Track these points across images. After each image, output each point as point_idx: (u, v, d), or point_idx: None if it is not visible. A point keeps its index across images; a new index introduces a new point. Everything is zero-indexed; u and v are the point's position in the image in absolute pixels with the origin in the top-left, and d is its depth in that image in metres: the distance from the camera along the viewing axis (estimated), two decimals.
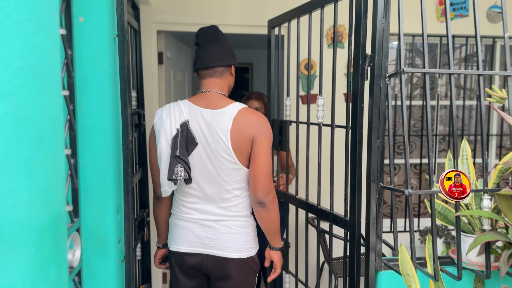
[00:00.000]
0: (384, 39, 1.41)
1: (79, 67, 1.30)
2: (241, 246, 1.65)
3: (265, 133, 1.58)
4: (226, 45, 1.71)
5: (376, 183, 1.45)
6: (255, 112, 1.63)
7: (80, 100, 1.31)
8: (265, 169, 1.57)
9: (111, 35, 1.36)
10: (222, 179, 1.60)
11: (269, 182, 1.58)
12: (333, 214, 1.66)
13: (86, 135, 1.33)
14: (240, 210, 1.65)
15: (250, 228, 1.68)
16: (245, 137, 1.56)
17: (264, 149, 1.57)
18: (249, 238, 1.67)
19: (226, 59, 1.68)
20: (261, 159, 1.56)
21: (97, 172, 1.35)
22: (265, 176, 1.57)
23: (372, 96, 1.42)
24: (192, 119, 1.60)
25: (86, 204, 1.35)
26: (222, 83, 1.68)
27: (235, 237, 1.64)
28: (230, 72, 1.72)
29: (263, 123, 1.59)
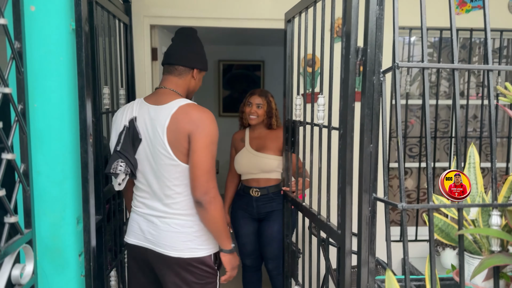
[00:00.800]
0: (378, 29, 1.23)
1: (31, 62, 1.17)
2: (181, 245, 1.60)
3: (202, 130, 1.51)
4: (196, 49, 1.71)
5: (368, 193, 1.27)
6: (197, 108, 1.56)
7: (33, 98, 1.18)
8: (202, 167, 1.50)
9: (69, 27, 1.22)
10: (162, 175, 1.57)
11: (207, 180, 1.51)
12: (329, 226, 1.49)
13: (39, 137, 1.20)
14: (182, 208, 1.59)
15: (194, 228, 1.61)
16: (181, 134, 1.52)
17: (200, 147, 1.50)
18: (192, 238, 1.60)
19: (189, 60, 1.68)
20: (197, 157, 1.50)
21: (53, 178, 1.22)
22: (201, 175, 1.50)
23: (364, 94, 1.25)
24: (140, 116, 1.60)
25: (41, 214, 1.23)
26: (179, 82, 1.67)
27: (174, 235, 1.60)
28: (192, 75, 1.70)
29: (203, 120, 1.53)
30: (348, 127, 1.32)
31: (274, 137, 2.43)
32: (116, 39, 2.13)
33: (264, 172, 2.42)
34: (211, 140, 1.54)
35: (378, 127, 1.27)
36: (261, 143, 2.45)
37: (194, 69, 1.69)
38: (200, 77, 1.76)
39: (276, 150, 2.41)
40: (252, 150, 2.45)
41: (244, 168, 2.46)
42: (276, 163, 2.40)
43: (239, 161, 2.49)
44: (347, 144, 1.33)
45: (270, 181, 2.44)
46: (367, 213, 1.29)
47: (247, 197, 2.49)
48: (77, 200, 1.27)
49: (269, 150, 2.41)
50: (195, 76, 1.71)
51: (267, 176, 2.43)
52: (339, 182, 1.37)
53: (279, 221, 2.40)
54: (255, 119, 2.43)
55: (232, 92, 5.98)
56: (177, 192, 1.59)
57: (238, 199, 2.57)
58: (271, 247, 2.45)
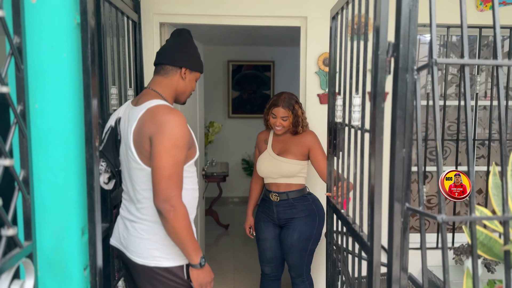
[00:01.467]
0: (412, 23, 1.11)
1: (32, 59, 1.07)
2: (146, 253, 1.52)
3: (163, 133, 1.40)
4: (186, 48, 1.63)
5: (400, 203, 1.16)
6: (164, 110, 1.46)
7: (34, 98, 1.08)
8: (161, 172, 1.39)
9: (73, 20, 1.12)
10: (132, 178, 1.53)
11: (166, 187, 1.39)
12: (361, 236, 1.37)
13: (41, 141, 1.10)
14: (149, 213, 1.51)
15: (160, 236, 1.50)
16: (144, 136, 1.44)
17: (160, 150, 1.40)
18: (158, 246, 1.51)
19: (176, 59, 1.59)
20: (156, 161, 1.40)
21: (55, 185, 1.12)
22: (160, 181, 1.39)
23: (396, 95, 1.13)
24: (124, 116, 1.58)
25: (43, 224, 1.12)
26: (164, 82, 1.60)
27: (139, 241, 1.53)
28: (181, 75, 1.61)
29: (165, 122, 1.42)
30: (377, 129, 1.21)
31: (298, 141, 2.31)
32: (125, 37, 2.04)
33: (284, 177, 2.30)
34: (174, 144, 1.41)
35: (411, 130, 1.16)
36: (284, 147, 2.33)
37: (182, 68, 1.60)
38: (191, 79, 1.65)
39: (298, 154, 2.29)
40: (273, 153, 2.34)
41: (264, 171, 2.35)
42: (298, 168, 2.28)
43: (260, 164, 2.38)
44: (376, 148, 1.22)
45: (291, 186, 2.32)
46: (399, 225, 1.18)
47: (269, 202, 2.39)
48: (82, 209, 1.17)
49: (291, 155, 2.29)
50: (185, 76, 1.62)
51: (288, 181, 2.31)
52: (369, 190, 1.26)
53: (299, 229, 2.29)
54: (281, 131, 2.31)
55: (242, 93, 5.87)
56: (144, 196, 1.51)
57: (262, 202, 2.47)
58: (292, 256, 2.33)
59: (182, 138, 1.43)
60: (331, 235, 1.95)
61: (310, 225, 2.28)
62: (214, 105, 5.68)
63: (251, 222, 2.51)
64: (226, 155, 5.65)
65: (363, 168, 1.40)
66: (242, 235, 4.64)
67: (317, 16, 2.53)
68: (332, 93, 1.88)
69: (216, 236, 4.60)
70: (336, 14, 1.79)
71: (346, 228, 1.60)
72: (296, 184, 2.32)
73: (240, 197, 5.94)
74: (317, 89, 2.62)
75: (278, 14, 2.56)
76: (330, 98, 1.89)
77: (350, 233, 1.54)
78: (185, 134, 1.45)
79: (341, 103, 1.72)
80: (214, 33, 4.52)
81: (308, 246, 2.29)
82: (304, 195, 2.33)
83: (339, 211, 1.69)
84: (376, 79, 1.20)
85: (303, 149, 2.28)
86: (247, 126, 5.87)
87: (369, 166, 1.26)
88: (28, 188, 1.04)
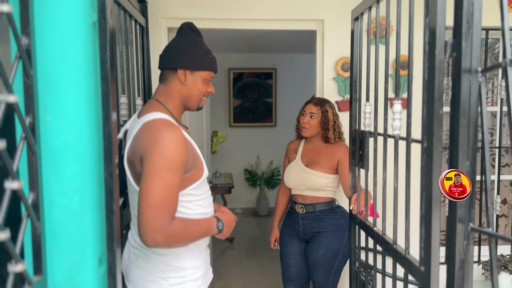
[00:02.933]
0: (476, 16, 0.98)
1: (42, 63, 0.93)
2: (141, 284, 1.33)
3: (153, 152, 1.19)
4: (178, 45, 1.39)
5: (464, 224, 1.02)
6: (158, 126, 1.24)
7: (44, 109, 0.93)
8: (147, 198, 1.17)
9: (89, 19, 0.97)
10: (131, 201, 1.37)
11: (153, 217, 1.16)
12: (408, 259, 1.23)
13: (53, 158, 0.95)
14: None
15: (160, 268, 1.32)
16: (135, 156, 1.26)
17: (148, 172, 1.18)
18: (155, 279, 1.32)
19: (170, 60, 1.38)
20: (144, 186, 1.18)
21: (69, 209, 0.96)
22: (146, 209, 1.16)
23: (457, 100, 0.99)
24: (130, 128, 1.39)
25: (54, 255, 0.97)
26: (165, 90, 1.40)
27: (137, 270, 1.35)
28: (178, 77, 1.37)
29: (158, 140, 1.21)
30: (434, 139, 1.07)
31: (330, 152, 2.17)
32: (133, 42, 1.90)
33: (311, 190, 2.16)
34: (165, 166, 1.19)
35: (474, 139, 1.02)
36: (313, 158, 2.20)
37: (178, 70, 1.36)
38: (195, 80, 1.39)
39: (328, 167, 2.15)
40: (301, 164, 2.20)
41: (291, 182, 2.23)
42: (325, 182, 2.14)
43: (287, 174, 2.26)
44: (433, 160, 1.08)
45: (318, 199, 2.18)
46: (461, 249, 1.03)
47: (294, 214, 2.25)
48: (100, 236, 1.01)
49: (320, 167, 2.15)
50: (184, 78, 1.37)
51: (315, 194, 2.17)
52: (422, 207, 1.11)
53: (326, 244, 2.14)
54: (307, 131, 2.18)
55: (243, 101, 5.74)
56: None
57: (288, 215, 2.34)
58: (318, 273, 2.17)
59: (175, 159, 1.21)
60: (355, 253, 1.81)
61: (338, 240, 2.14)
62: (215, 114, 5.53)
63: (276, 234, 2.36)
64: (228, 166, 5.49)
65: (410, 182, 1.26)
66: (249, 249, 4.48)
67: (335, 18, 2.40)
68: (355, 100, 1.75)
69: (221, 250, 4.43)
70: (360, 14, 1.66)
71: (383, 248, 1.45)
72: (324, 197, 2.18)
73: (243, 208, 5.78)
74: (336, 96, 2.48)
75: (293, 17, 2.43)
76: (352, 105, 1.76)
77: (389, 254, 1.39)
78: (180, 154, 1.22)
79: (370, 110, 1.58)
80: (215, 40, 4.39)
81: (335, 263, 2.14)
82: (332, 208, 2.19)
83: (371, 229, 1.54)
84: (432, 83, 1.06)
85: (332, 162, 2.14)
86: (249, 135, 5.73)
87: (422, 181, 1.12)
88: (38, 214, 0.89)
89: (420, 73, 1.15)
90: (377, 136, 1.48)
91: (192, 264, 1.35)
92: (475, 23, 0.99)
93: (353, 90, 1.74)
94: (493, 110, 2.77)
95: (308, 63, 5.26)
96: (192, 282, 1.35)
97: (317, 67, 2.53)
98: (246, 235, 4.88)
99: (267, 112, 5.77)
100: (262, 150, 5.72)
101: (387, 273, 1.52)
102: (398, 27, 1.29)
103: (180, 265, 1.33)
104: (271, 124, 5.78)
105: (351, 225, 1.80)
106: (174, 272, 1.33)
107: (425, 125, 1.09)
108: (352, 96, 1.74)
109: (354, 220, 1.76)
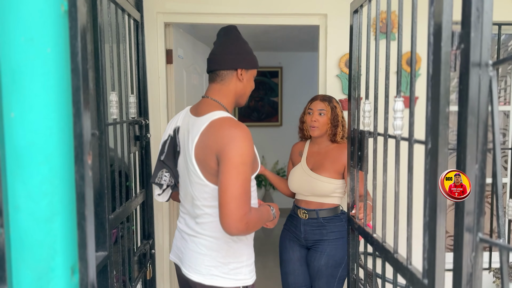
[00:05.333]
0: (487, 3, 0.88)
1: (6, 55, 0.85)
2: (204, 270, 1.49)
3: (231, 149, 1.33)
4: (236, 46, 1.55)
5: (472, 233, 0.92)
6: (229, 124, 1.39)
7: (9, 105, 0.85)
8: (231, 192, 1.31)
9: (60, 7, 0.89)
10: (192, 193, 1.49)
11: (237, 208, 1.30)
12: (410, 270, 1.13)
13: (18, 159, 0.87)
14: (211, 229, 1.48)
15: (221, 253, 1.48)
16: (209, 153, 1.38)
17: (228, 168, 1.32)
18: (217, 264, 1.48)
19: (229, 61, 1.52)
20: (225, 180, 1.32)
21: (37, 215, 0.88)
22: (231, 201, 1.30)
23: (465, 96, 0.89)
24: (183, 126, 1.55)
25: (21, 265, 0.89)
26: (222, 89, 1.54)
27: (198, 256, 1.50)
28: (237, 77, 1.54)
29: (233, 137, 1.35)
30: (440, 140, 0.97)
31: (336, 156, 2.05)
32: (126, 38, 1.82)
33: (316, 196, 2.06)
34: (243, 161, 1.34)
35: (484, 140, 0.92)
36: (318, 161, 2.09)
37: (238, 70, 1.53)
38: (249, 77, 1.58)
39: (333, 172, 2.04)
40: (307, 168, 2.10)
41: (295, 187, 2.12)
42: (331, 188, 2.03)
43: (291, 177, 2.15)
44: (439, 162, 0.98)
45: (323, 205, 2.08)
46: (469, 261, 0.94)
47: (296, 219, 2.16)
48: (71, 243, 0.93)
49: (326, 172, 2.04)
50: (242, 77, 1.54)
51: (320, 200, 2.07)
52: (425, 214, 1.02)
53: (328, 253, 2.04)
54: (317, 130, 2.05)
55: (248, 100, 5.64)
56: (206, 212, 1.48)
57: (289, 219, 2.23)
58: (319, 282, 2.08)
59: (249, 154, 1.36)
60: (353, 261, 1.71)
61: (342, 249, 2.03)
62: None
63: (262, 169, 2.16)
64: None
65: (412, 186, 1.16)
66: None
67: (339, 13, 2.30)
68: (354, 98, 1.64)
69: None
70: (359, 7, 1.56)
71: (382, 257, 1.35)
72: (329, 203, 2.08)
73: None
74: (339, 94, 2.39)
75: (295, 11, 2.34)
76: (351, 103, 1.66)
77: (390, 263, 1.29)
78: (252, 149, 1.38)
79: (370, 109, 1.48)
80: None
81: (338, 272, 2.04)
82: (336, 215, 2.08)
83: (371, 236, 1.44)
84: (437, 77, 0.96)
85: (338, 167, 2.03)
86: (254, 135, 5.59)
87: (427, 186, 1.02)
88: (1, 220, 0.82)
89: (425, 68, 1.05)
90: (377, 136, 1.38)
91: (248, 251, 1.54)
92: (486, 11, 0.89)
93: (352, 87, 1.64)
94: (505, 109, 2.65)
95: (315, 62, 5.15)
96: (247, 267, 1.52)
97: (320, 64, 2.43)
98: None
99: (273, 111, 5.68)
100: (267, 150, 5.63)
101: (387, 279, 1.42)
102: (400, 19, 1.19)
103: (240, 252, 1.50)
104: (276, 124, 5.69)
105: (349, 231, 1.70)
106: (234, 257, 1.49)
107: (429, 124, 0.99)
108: (351, 94, 1.64)
109: (353, 226, 1.66)
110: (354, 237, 1.65)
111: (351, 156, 1.61)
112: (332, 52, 2.35)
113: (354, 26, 1.61)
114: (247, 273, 1.51)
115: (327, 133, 2.08)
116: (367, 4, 1.44)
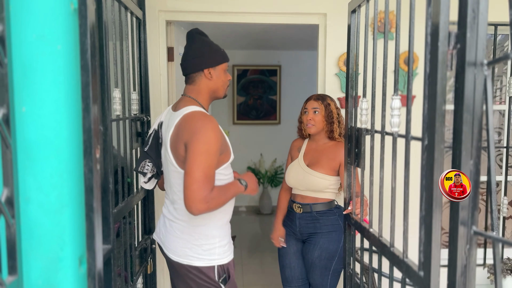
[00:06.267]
0: (482, 4, 0.92)
1: (18, 51, 0.88)
2: (180, 251, 1.64)
3: (198, 138, 1.48)
4: (199, 50, 1.67)
5: (467, 227, 0.95)
6: (199, 117, 1.54)
7: (20, 100, 0.88)
8: (193, 175, 1.45)
9: (69, 5, 0.92)
10: (170, 180, 1.65)
11: (198, 189, 1.44)
12: (406, 263, 1.16)
13: (29, 152, 0.90)
14: (183, 214, 1.62)
15: (193, 236, 1.62)
16: (179, 142, 1.54)
17: (194, 155, 1.47)
18: (190, 246, 1.62)
19: (195, 65, 1.66)
20: (189, 164, 1.46)
21: (47, 207, 0.91)
22: (192, 183, 1.44)
23: (461, 94, 0.93)
24: (165, 120, 1.70)
25: (31, 255, 0.92)
26: (195, 89, 1.69)
27: (175, 239, 1.66)
28: (205, 77, 1.67)
29: (200, 128, 1.50)
30: (436, 136, 1.00)
31: (332, 153, 2.10)
32: (128, 36, 1.84)
33: (310, 191, 2.11)
34: (207, 149, 1.48)
35: (479, 137, 0.96)
36: (315, 158, 2.13)
37: (204, 71, 1.66)
38: (219, 73, 1.69)
39: (328, 169, 2.08)
40: (303, 164, 2.15)
41: (292, 181, 2.17)
42: (326, 184, 2.08)
43: (288, 172, 2.21)
44: (435, 158, 1.01)
45: (317, 199, 2.13)
46: (463, 254, 0.97)
47: (292, 213, 2.21)
48: (79, 235, 0.96)
49: (321, 168, 2.08)
50: (210, 75, 1.66)
51: (314, 195, 2.12)
52: (422, 209, 1.05)
53: (321, 246, 2.08)
54: (313, 128, 2.11)
55: (247, 99, 5.67)
56: (180, 197, 1.60)
57: (286, 215, 2.29)
58: (313, 274, 2.12)
59: (214, 143, 1.49)
60: (350, 255, 1.74)
61: (334, 242, 2.07)
62: (219, 111, 5.47)
63: (280, 233, 2.25)
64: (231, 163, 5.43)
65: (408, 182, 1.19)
66: (251, 247, 4.43)
67: (338, 12, 2.33)
68: (351, 96, 1.68)
69: None
70: (357, 7, 1.59)
71: (379, 251, 1.39)
72: (323, 198, 2.12)
73: (246, 206, 5.73)
74: (338, 93, 2.42)
75: (295, 11, 2.37)
76: (349, 101, 1.69)
77: (386, 257, 1.33)
78: (217, 139, 1.50)
79: (367, 107, 1.51)
80: (219, 36, 4.33)
81: (331, 265, 2.07)
82: (330, 209, 2.12)
83: (367, 230, 1.47)
84: (434, 76, 1.00)
85: (334, 164, 2.07)
86: (253, 133, 5.67)
87: (423, 181, 1.05)
88: (12, 211, 0.84)
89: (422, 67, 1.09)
90: (374, 133, 1.41)
91: (219, 233, 1.64)
92: (481, 12, 0.92)
93: (349, 86, 1.67)
94: (501, 108, 2.68)
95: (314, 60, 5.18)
96: (220, 248, 1.63)
97: (319, 62, 2.46)
98: (248, 233, 4.82)
99: (271, 109, 5.71)
100: (265, 148, 5.65)
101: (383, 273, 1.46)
102: (398, 19, 1.22)
103: (211, 234, 1.62)
104: (275, 122, 5.71)
105: (345, 226, 1.74)
106: (205, 239, 1.62)
107: (426, 122, 1.02)
108: (348, 92, 1.68)
109: (349, 221, 1.69)
110: (350, 232, 1.69)
111: (348, 153, 1.65)
112: (331, 51, 2.39)
113: (352, 25, 1.64)
114: (222, 253, 1.63)
115: (324, 130, 2.13)
116: (365, 4, 1.47)
